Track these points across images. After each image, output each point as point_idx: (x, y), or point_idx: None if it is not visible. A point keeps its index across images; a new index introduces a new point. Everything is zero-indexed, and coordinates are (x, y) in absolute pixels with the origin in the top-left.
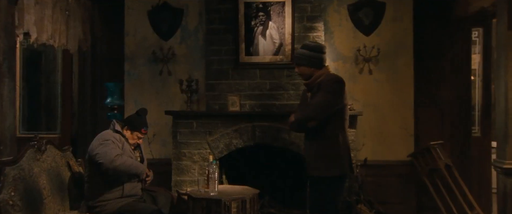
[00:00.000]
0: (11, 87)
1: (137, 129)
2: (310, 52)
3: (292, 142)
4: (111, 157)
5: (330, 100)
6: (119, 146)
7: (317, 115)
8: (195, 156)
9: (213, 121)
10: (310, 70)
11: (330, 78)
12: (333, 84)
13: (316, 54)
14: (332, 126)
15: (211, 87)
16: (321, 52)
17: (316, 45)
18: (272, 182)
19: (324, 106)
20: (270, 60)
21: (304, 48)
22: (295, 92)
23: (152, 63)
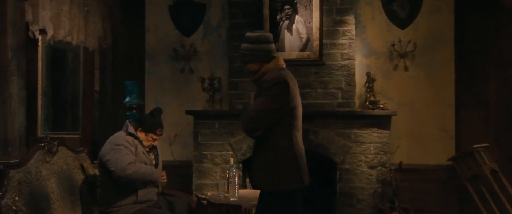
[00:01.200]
0: (20, 86)
1: (152, 130)
2: (252, 45)
3: (319, 144)
4: (123, 165)
5: (270, 107)
6: (132, 150)
7: (255, 125)
8: (216, 158)
9: (236, 121)
10: (257, 66)
11: (270, 78)
12: (273, 87)
13: (259, 46)
14: (276, 134)
15: (234, 85)
16: (265, 42)
17: (258, 36)
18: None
19: (263, 115)
20: (297, 57)
21: (245, 41)
22: (324, 90)
23: (173, 61)
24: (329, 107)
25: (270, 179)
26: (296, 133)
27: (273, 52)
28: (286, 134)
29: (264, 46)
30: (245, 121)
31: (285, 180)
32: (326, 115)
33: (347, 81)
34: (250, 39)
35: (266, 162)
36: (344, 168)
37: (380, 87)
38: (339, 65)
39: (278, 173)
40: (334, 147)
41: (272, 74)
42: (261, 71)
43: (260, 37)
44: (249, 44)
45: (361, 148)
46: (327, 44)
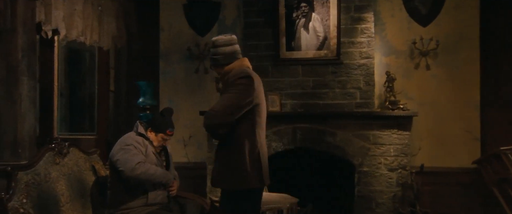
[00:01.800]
0: (31, 87)
1: (162, 131)
2: (214, 49)
3: (337, 146)
4: (132, 164)
5: (235, 102)
6: (142, 150)
7: (220, 120)
8: None
9: None
10: (221, 70)
11: (235, 73)
12: (237, 81)
13: (220, 49)
14: (239, 132)
15: None
16: (226, 45)
17: (218, 39)
18: (316, 190)
19: (229, 110)
20: (314, 56)
21: (211, 46)
22: (341, 90)
23: (188, 61)
24: (347, 107)
25: (232, 178)
26: (260, 131)
27: (235, 54)
28: (250, 132)
29: (225, 48)
30: (210, 116)
31: (246, 179)
32: (344, 116)
33: (366, 80)
34: (212, 44)
35: (229, 161)
36: (362, 170)
37: (400, 87)
38: (358, 64)
39: (240, 173)
40: (352, 149)
41: (235, 71)
42: (225, 72)
43: (219, 41)
44: (213, 49)
45: (381, 150)
46: (345, 43)
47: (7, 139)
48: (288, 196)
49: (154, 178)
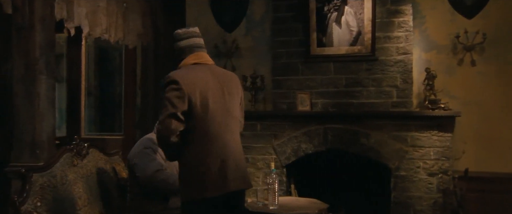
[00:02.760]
0: (49, 85)
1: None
2: (174, 44)
3: (371, 148)
4: (149, 172)
5: (166, 112)
6: (161, 154)
7: (162, 133)
8: (259, 162)
9: (280, 122)
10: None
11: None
12: (165, 88)
13: (177, 44)
14: (183, 141)
15: (278, 84)
16: (179, 39)
17: (177, 33)
18: (348, 195)
19: (164, 122)
20: (346, 52)
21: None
22: (376, 88)
23: (215, 58)
24: (383, 107)
25: (182, 189)
26: (202, 134)
27: (191, 48)
28: (189, 138)
29: (181, 43)
30: (157, 130)
31: (185, 190)
32: (379, 116)
33: (403, 78)
34: (173, 39)
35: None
36: (399, 174)
37: (442, 85)
38: (394, 60)
39: (183, 183)
40: (388, 152)
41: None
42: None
43: (176, 34)
44: (173, 43)
45: (419, 152)
46: (381, 38)
47: (25, 140)
48: (318, 201)
49: (173, 188)
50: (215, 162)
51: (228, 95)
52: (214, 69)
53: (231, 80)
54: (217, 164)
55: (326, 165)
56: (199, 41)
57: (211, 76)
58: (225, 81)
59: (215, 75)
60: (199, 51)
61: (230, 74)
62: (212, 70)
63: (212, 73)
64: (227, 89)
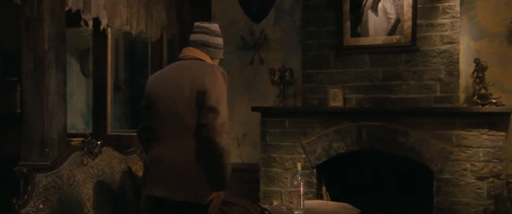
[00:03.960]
0: (60, 80)
1: None
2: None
3: (410, 148)
4: None
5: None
6: None
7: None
8: (287, 162)
9: (309, 119)
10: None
11: None
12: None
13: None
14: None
15: (309, 78)
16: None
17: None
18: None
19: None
20: (384, 42)
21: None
22: (417, 82)
23: (242, 51)
24: (424, 102)
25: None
26: (153, 136)
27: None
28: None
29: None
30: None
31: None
32: (420, 112)
33: (448, 70)
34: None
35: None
36: (443, 177)
37: (494, 78)
38: (438, 50)
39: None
40: (430, 152)
41: None
42: None
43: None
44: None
45: (466, 153)
46: (422, 26)
47: (34, 138)
48: (349, 206)
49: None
50: (151, 162)
51: (180, 94)
52: (181, 65)
53: (194, 77)
54: (151, 165)
55: (359, 167)
56: (195, 37)
57: (173, 73)
58: (186, 78)
59: (177, 72)
60: (189, 46)
61: (196, 70)
62: (178, 66)
63: (176, 69)
64: (184, 86)
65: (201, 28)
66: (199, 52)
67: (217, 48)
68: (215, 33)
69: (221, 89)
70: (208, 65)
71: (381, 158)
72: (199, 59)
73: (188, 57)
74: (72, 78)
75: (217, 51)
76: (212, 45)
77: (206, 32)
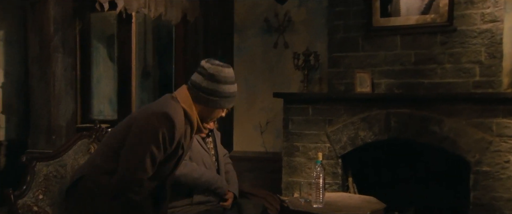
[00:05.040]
0: (67, 65)
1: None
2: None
3: (445, 137)
4: None
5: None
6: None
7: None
8: (310, 151)
9: (334, 106)
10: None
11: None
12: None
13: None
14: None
15: (335, 62)
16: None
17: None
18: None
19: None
20: (417, 22)
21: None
22: (454, 66)
23: (265, 34)
24: (462, 88)
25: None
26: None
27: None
28: None
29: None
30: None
31: None
32: (457, 99)
33: (490, 52)
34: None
35: None
36: (481, 170)
37: None
38: (478, 30)
39: None
40: (467, 142)
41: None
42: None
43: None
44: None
45: (509, 144)
46: (460, 3)
47: (41, 124)
48: (374, 200)
49: (198, 184)
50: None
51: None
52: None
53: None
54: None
55: (388, 157)
56: (193, 75)
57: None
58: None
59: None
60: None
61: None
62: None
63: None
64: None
65: (200, 68)
66: (183, 92)
67: (210, 95)
68: (213, 78)
69: (139, 139)
70: (162, 105)
71: (411, 148)
72: (173, 97)
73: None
74: (99, 64)
75: (209, 99)
76: (203, 89)
77: (202, 73)
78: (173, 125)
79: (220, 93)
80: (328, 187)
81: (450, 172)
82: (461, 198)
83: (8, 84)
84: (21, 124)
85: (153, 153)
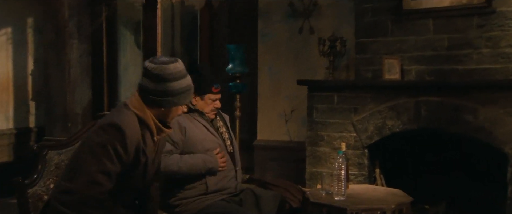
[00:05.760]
0: (83, 51)
1: (206, 91)
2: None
3: (479, 128)
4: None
5: None
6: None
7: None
8: (335, 140)
9: (361, 94)
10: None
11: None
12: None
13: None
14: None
15: (362, 47)
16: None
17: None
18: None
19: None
20: (451, 4)
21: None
22: (492, 51)
23: (290, 19)
24: (500, 74)
25: None
26: None
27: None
28: None
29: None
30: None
31: None
32: (494, 86)
33: None
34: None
35: None
36: None
37: None
38: None
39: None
40: (504, 132)
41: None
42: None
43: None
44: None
45: None
46: None
47: (56, 112)
48: (400, 193)
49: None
50: None
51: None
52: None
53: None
54: None
55: (417, 148)
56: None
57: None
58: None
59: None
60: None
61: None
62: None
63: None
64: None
65: (144, 70)
66: (133, 98)
67: (162, 96)
68: (159, 78)
69: (90, 154)
70: (111, 116)
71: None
72: (125, 104)
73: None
74: (126, 52)
75: (162, 100)
76: (152, 92)
77: (148, 75)
78: (123, 134)
79: (171, 92)
80: (354, 178)
81: (484, 164)
82: (496, 192)
83: (37, 71)
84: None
85: (105, 166)
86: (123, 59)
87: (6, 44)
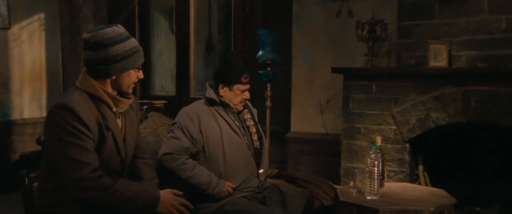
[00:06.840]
0: None
1: (235, 81)
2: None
3: None
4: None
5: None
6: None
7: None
8: (373, 133)
9: (402, 83)
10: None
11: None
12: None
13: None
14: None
15: (406, 31)
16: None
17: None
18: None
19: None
20: None
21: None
22: None
23: (327, 1)
24: None
25: None
26: None
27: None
28: None
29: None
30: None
31: None
32: None
33: None
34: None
35: None
36: None
37: None
38: None
39: None
40: None
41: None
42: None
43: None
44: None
45: None
46: None
47: None
48: (443, 193)
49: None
50: None
51: None
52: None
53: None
54: None
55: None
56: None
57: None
58: None
59: None
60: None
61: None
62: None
63: None
64: None
65: (83, 43)
66: (80, 76)
67: (107, 64)
68: (98, 45)
69: (56, 140)
70: (56, 101)
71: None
72: (74, 86)
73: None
74: (160, 38)
75: (109, 68)
76: (96, 62)
77: (88, 47)
78: (74, 112)
79: (115, 57)
80: (393, 175)
81: None
82: None
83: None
84: None
85: (76, 144)
86: (157, 45)
87: (39, 30)
